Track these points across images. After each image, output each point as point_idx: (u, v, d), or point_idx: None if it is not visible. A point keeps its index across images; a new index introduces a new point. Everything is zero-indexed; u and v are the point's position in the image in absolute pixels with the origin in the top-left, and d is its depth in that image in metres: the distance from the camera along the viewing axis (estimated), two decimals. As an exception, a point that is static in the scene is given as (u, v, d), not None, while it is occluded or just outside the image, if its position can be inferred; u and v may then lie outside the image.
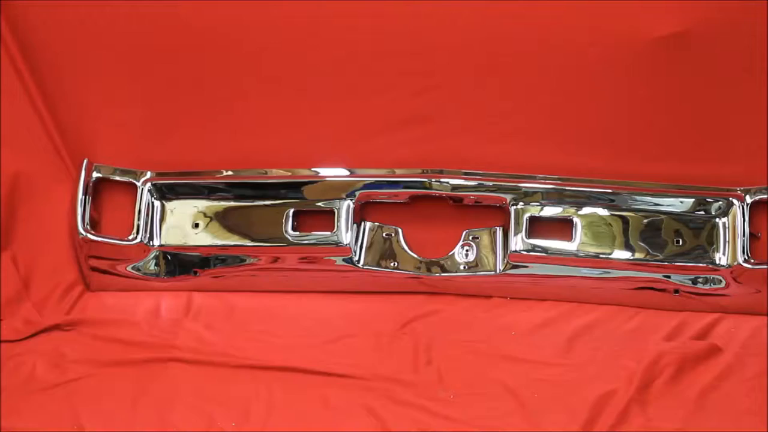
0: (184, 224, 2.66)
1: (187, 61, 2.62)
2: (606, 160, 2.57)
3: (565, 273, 2.56)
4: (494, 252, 2.59)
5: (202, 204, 2.67)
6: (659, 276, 2.53)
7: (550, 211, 2.57)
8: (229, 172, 2.65)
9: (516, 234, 2.56)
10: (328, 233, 2.60)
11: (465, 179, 2.57)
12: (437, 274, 2.60)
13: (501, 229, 2.60)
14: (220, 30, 2.59)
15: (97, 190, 2.66)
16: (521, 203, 2.57)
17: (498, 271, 2.58)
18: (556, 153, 2.58)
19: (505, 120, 2.59)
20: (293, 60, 2.59)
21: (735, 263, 2.49)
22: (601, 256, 2.54)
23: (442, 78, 2.57)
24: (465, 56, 2.55)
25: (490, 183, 2.57)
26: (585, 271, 2.55)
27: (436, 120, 2.60)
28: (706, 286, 2.52)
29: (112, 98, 2.66)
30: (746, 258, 2.48)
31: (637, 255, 2.54)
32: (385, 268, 2.61)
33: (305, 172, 2.63)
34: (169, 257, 2.66)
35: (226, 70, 2.62)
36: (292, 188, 2.63)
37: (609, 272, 2.54)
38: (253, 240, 2.63)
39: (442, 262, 2.61)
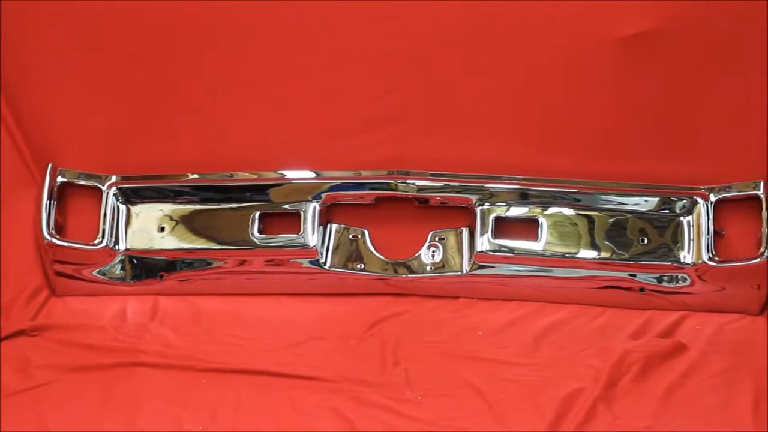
0: (150, 228, 2.65)
1: (152, 65, 2.61)
2: (572, 160, 2.58)
3: (531, 273, 2.57)
4: (460, 252, 2.59)
5: (168, 207, 2.66)
6: (625, 275, 2.55)
7: (516, 211, 2.58)
8: (195, 176, 2.64)
9: (482, 234, 2.56)
10: (295, 236, 2.60)
11: (431, 180, 2.57)
12: (404, 276, 2.60)
13: (467, 229, 2.60)
14: (185, 33, 2.58)
15: (61, 194, 2.65)
16: (487, 204, 2.57)
17: (464, 272, 2.58)
18: (522, 153, 2.59)
19: (472, 121, 2.59)
20: (259, 62, 2.59)
21: (700, 261, 2.50)
22: (566, 255, 2.55)
23: (409, 79, 2.57)
24: (433, 57, 2.55)
25: (456, 184, 2.58)
26: (551, 271, 2.56)
27: (404, 121, 2.60)
28: (671, 285, 2.53)
29: (77, 102, 2.65)
30: (711, 256, 2.50)
31: (603, 254, 2.55)
32: (351, 269, 2.61)
33: (271, 174, 2.62)
34: (134, 261, 2.65)
35: (192, 73, 2.62)
36: (257, 191, 2.62)
37: (575, 271, 2.56)
38: (219, 243, 2.63)
39: (408, 263, 2.61)
